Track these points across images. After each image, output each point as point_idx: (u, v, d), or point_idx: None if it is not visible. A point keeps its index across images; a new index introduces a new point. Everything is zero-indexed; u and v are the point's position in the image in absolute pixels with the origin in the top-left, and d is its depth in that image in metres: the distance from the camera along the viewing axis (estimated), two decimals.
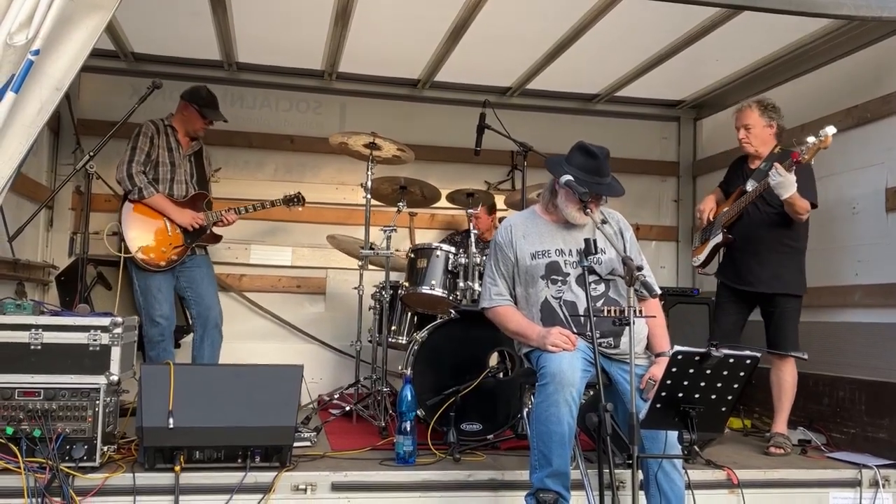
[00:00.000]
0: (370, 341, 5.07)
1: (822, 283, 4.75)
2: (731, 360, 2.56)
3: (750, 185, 4.31)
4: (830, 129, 3.85)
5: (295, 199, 5.08)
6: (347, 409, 4.78)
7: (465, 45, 4.99)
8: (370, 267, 5.17)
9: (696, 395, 2.60)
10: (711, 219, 4.54)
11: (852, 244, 4.61)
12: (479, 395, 4.11)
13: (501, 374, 4.25)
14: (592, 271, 3.36)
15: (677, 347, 2.59)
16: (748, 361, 2.58)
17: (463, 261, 4.48)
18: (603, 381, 3.22)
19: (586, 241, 3.10)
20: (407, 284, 4.63)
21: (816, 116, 4.90)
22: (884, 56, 4.20)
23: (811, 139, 3.90)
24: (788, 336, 4.27)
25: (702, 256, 4.55)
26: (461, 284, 4.45)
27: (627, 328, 2.88)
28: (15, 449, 3.16)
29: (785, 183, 3.98)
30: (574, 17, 4.58)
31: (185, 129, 4.79)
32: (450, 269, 4.52)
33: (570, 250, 3.37)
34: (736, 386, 2.62)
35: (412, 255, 4.68)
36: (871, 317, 4.41)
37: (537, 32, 4.84)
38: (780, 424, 4.32)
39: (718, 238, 4.44)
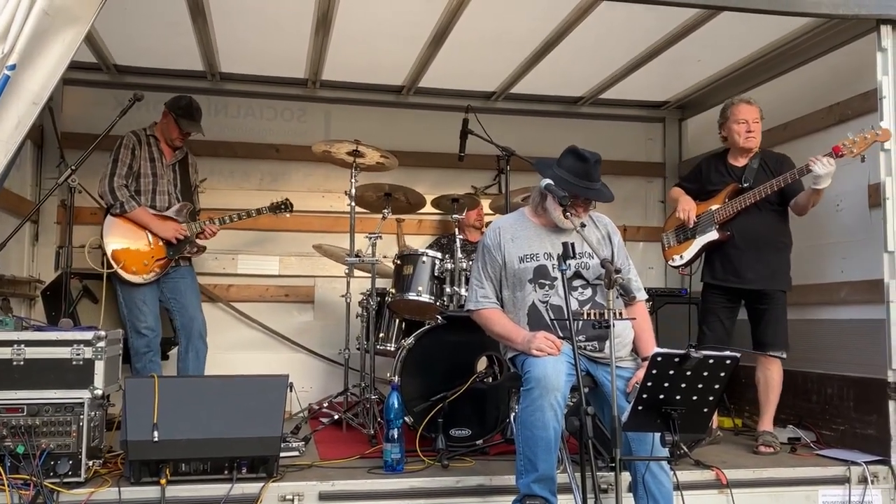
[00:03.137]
0: (359, 349, 5.06)
1: (808, 280, 4.76)
2: (711, 361, 2.56)
3: (748, 182, 4.29)
4: (883, 123, 3.90)
5: (283, 206, 5.05)
6: (336, 417, 4.77)
7: (448, 50, 4.98)
8: (359, 274, 5.15)
9: (678, 397, 2.60)
10: (695, 218, 4.46)
11: (837, 241, 4.62)
12: (467, 400, 4.09)
13: (490, 379, 4.22)
14: (580, 276, 3.37)
15: (656, 349, 2.59)
16: (728, 362, 2.58)
17: (449, 266, 4.47)
18: (589, 385, 3.25)
19: (564, 244, 3.08)
20: (394, 291, 4.64)
21: (798, 115, 4.93)
22: (863, 53, 4.21)
23: (864, 131, 3.89)
24: (781, 332, 4.29)
25: (687, 255, 4.48)
26: (448, 290, 4.45)
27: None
28: None
29: (831, 174, 3.97)
30: (555, 21, 4.58)
31: (164, 137, 4.77)
32: (436, 274, 4.52)
33: (558, 254, 3.35)
34: (717, 386, 2.62)
35: (398, 262, 4.67)
36: (857, 313, 4.41)
37: (518, 36, 4.84)
38: (768, 422, 4.33)
39: (713, 235, 4.36)
